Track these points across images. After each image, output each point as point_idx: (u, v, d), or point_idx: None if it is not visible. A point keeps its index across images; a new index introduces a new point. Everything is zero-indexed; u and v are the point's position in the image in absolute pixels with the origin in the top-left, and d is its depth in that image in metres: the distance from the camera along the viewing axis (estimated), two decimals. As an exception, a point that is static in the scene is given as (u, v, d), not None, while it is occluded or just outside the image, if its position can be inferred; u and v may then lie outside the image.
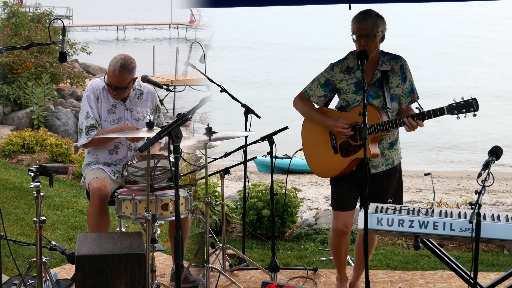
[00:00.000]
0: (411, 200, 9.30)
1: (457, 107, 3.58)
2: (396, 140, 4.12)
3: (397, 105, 4.00)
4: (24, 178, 8.08)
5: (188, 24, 45.30)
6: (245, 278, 4.78)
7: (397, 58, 4.01)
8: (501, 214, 3.48)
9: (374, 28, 3.82)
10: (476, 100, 3.56)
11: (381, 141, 4.03)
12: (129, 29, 44.87)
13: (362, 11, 3.89)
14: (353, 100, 4.02)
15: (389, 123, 3.81)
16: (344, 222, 4.12)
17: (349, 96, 4.04)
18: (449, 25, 50.79)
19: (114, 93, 4.39)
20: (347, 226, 4.13)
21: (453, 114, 3.60)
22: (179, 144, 3.04)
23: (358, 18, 3.86)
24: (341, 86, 4.05)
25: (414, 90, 4.01)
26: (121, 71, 4.26)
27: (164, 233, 5.88)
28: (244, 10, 9.60)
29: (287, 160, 14.15)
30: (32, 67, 13.83)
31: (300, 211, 6.79)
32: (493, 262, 5.44)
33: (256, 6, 5.26)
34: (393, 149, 4.09)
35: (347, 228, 4.14)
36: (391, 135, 4.06)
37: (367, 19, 3.83)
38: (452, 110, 3.59)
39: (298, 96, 4.19)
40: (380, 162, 4.06)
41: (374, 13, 3.87)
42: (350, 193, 4.11)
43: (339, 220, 4.13)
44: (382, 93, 3.95)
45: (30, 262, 3.78)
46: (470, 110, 3.57)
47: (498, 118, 21.36)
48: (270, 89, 26.22)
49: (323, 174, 4.16)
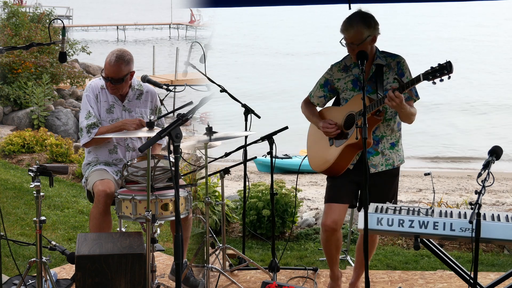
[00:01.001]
0: (411, 200, 9.31)
1: (432, 72, 3.53)
2: (397, 141, 4.11)
3: None
4: (24, 178, 8.08)
5: (188, 24, 45.28)
6: (245, 278, 4.78)
7: (395, 56, 4.04)
8: (501, 214, 3.48)
9: (358, 35, 3.85)
10: (450, 62, 3.49)
11: (381, 139, 4.03)
12: (129, 29, 44.82)
13: (347, 18, 3.92)
14: (351, 97, 4.06)
15: (374, 103, 3.81)
16: (333, 218, 3.99)
17: (347, 94, 4.07)
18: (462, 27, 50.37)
19: (111, 87, 4.36)
20: (336, 223, 3.99)
21: (428, 79, 3.54)
22: (179, 144, 3.04)
23: (342, 27, 3.91)
24: (339, 85, 4.10)
25: (413, 87, 4.00)
26: (117, 62, 4.28)
27: (164, 233, 5.89)
28: (244, 10, 9.57)
29: (287, 160, 14.16)
30: (32, 67, 13.83)
31: (300, 211, 6.79)
32: (493, 262, 5.44)
33: (256, 6, 5.27)
34: (394, 150, 4.09)
35: (336, 225, 4.00)
36: (393, 135, 4.06)
37: (349, 29, 3.88)
38: (427, 76, 3.54)
39: (303, 101, 4.35)
40: (379, 161, 4.05)
41: (358, 19, 3.88)
42: (345, 187, 4.05)
43: (329, 214, 4.01)
44: (375, 86, 3.97)
45: (30, 262, 3.78)
46: (444, 73, 3.50)
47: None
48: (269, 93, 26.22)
49: (319, 167, 4.16)
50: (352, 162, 4.04)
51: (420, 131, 17.66)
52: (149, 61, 25.48)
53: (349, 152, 3.99)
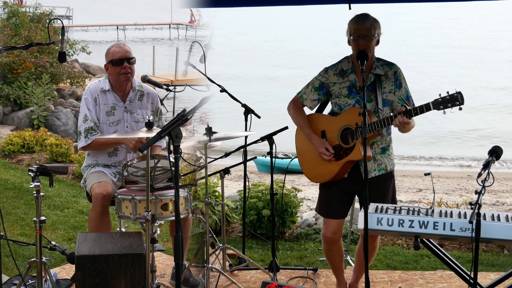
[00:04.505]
0: (411, 200, 9.32)
1: (442, 101, 3.55)
2: (388, 145, 4.10)
3: (389, 111, 3.99)
4: (24, 178, 8.08)
5: (188, 24, 45.28)
6: (245, 278, 4.78)
7: (391, 64, 4.03)
8: (501, 214, 3.48)
9: (372, 29, 3.86)
10: (461, 93, 3.53)
11: (372, 145, 4.02)
12: (129, 29, 44.83)
13: (360, 14, 3.92)
14: (345, 104, 4.02)
15: (378, 123, 3.81)
16: (332, 229, 4.10)
17: (341, 100, 4.03)
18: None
19: (127, 68, 4.38)
20: (335, 233, 4.11)
21: (439, 109, 3.57)
22: (179, 144, 3.04)
23: (357, 19, 3.89)
24: (334, 89, 4.06)
25: (410, 97, 4.01)
26: (122, 45, 4.49)
27: (164, 233, 5.88)
28: (244, 10, 9.53)
29: (287, 160, 14.15)
30: (32, 67, 13.83)
31: (300, 211, 6.79)
32: (493, 262, 5.44)
33: (256, 6, 5.26)
34: (385, 154, 4.08)
35: (335, 235, 4.12)
36: (383, 140, 4.05)
37: (365, 21, 3.86)
38: (438, 105, 3.57)
39: (292, 101, 4.21)
40: (372, 167, 4.03)
41: (371, 16, 3.91)
42: (340, 201, 4.10)
43: (328, 227, 4.13)
44: (374, 97, 3.96)
45: (30, 262, 3.78)
46: (456, 104, 3.53)
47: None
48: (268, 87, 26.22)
49: (316, 178, 4.14)
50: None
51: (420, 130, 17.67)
52: (149, 61, 25.47)
53: (348, 165, 4.00)
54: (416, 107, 3.68)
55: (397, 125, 3.76)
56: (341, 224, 4.16)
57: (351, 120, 3.91)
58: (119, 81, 4.42)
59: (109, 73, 4.45)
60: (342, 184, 4.06)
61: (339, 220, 4.12)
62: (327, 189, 4.12)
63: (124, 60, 4.37)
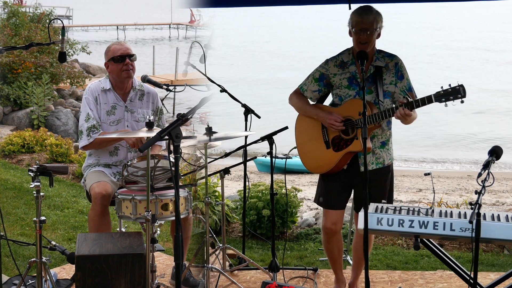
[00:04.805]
0: (411, 200, 9.31)
1: (444, 94, 3.56)
2: (388, 140, 4.12)
3: (390, 102, 3.99)
4: (24, 178, 8.08)
5: (188, 24, 45.28)
6: (245, 278, 4.78)
7: (392, 56, 4.03)
8: (501, 214, 3.48)
9: (375, 23, 3.86)
10: (463, 86, 3.53)
11: (372, 138, 4.04)
12: (129, 29, 44.83)
13: (363, 6, 3.92)
14: (345, 95, 4.04)
15: (379, 115, 3.82)
16: (332, 220, 4.13)
17: (341, 91, 4.05)
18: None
19: (129, 64, 4.39)
20: (336, 224, 4.13)
21: (440, 101, 3.58)
22: (179, 144, 3.04)
23: (360, 12, 3.88)
24: (335, 80, 4.07)
25: (412, 89, 4.01)
26: (122, 42, 4.53)
27: (164, 233, 5.88)
28: (244, 10, 9.52)
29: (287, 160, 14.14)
30: (32, 67, 13.83)
31: (300, 211, 6.79)
32: (493, 262, 5.44)
33: (256, 6, 5.26)
34: (384, 149, 4.09)
35: (335, 226, 4.14)
36: (383, 134, 4.06)
37: (368, 14, 3.86)
38: (440, 98, 3.58)
39: (293, 92, 4.23)
40: (370, 160, 4.06)
41: (374, 9, 3.91)
42: (339, 192, 4.12)
43: (327, 218, 4.15)
44: (375, 88, 3.97)
45: (30, 262, 3.78)
46: (458, 97, 3.55)
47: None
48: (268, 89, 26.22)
49: (316, 169, 4.17)
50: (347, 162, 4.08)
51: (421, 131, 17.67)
52: (149, 61, 25.47)
53: (348, 156, 4.02)
54: (418, 99, 3.69)
55: (398, 117, 3.76)
56: (341, 215, 4.18)
57: (351, 112, 3.93)
58: (120, 78, 4.42)
59: (110, 71, 4.44)
60: (341, 176, 4.08)
61: (339, 210, 4.14)
62: (327, 180, 4.14)
63: (125, 56, 4.37)
